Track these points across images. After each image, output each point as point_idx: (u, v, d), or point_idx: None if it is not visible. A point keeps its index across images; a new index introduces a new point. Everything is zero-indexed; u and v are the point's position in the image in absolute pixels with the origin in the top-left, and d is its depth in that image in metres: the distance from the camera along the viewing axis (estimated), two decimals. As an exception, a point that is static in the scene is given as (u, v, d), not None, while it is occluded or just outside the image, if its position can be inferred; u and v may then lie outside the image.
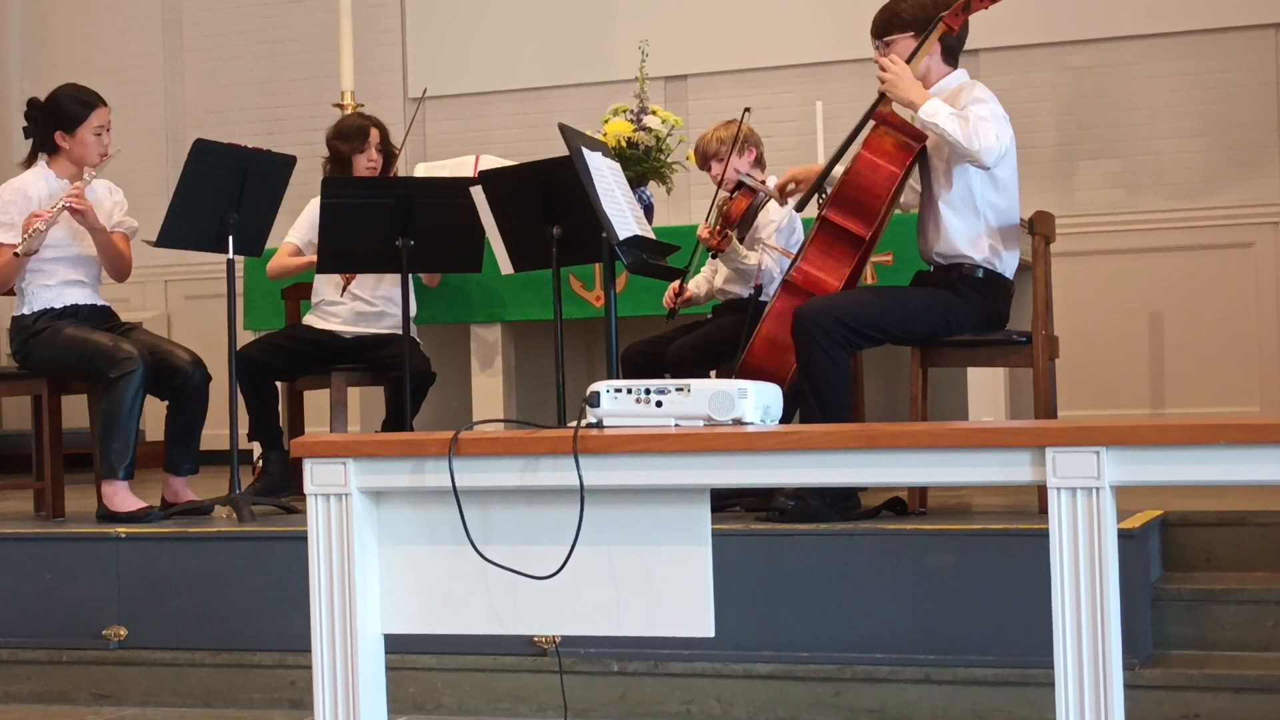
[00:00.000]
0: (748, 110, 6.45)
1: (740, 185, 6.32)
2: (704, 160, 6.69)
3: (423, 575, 3.63)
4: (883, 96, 5.74)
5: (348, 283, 7.06)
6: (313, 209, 7.09)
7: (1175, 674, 4.96)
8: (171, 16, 10.79)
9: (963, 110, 5.56)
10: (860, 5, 5.85)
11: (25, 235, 6.32)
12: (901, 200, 5.96)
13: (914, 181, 5.91)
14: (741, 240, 6.39)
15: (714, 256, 6.41)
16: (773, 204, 6.32)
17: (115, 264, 6.63)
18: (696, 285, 6.66)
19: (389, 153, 7.33)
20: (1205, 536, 5.49)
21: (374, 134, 7.25)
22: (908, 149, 5.63)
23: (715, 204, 6.43)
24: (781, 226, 6.44)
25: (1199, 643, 5.18)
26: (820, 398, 5.52)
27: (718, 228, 6.25)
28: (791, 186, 6.02)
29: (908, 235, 6.19)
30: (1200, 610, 5.20)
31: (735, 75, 9.52)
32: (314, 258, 6.93)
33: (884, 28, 5.82)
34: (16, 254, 6.34)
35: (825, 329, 5.51)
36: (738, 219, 6.26)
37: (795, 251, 6.15)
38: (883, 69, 5.67)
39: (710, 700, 5.28)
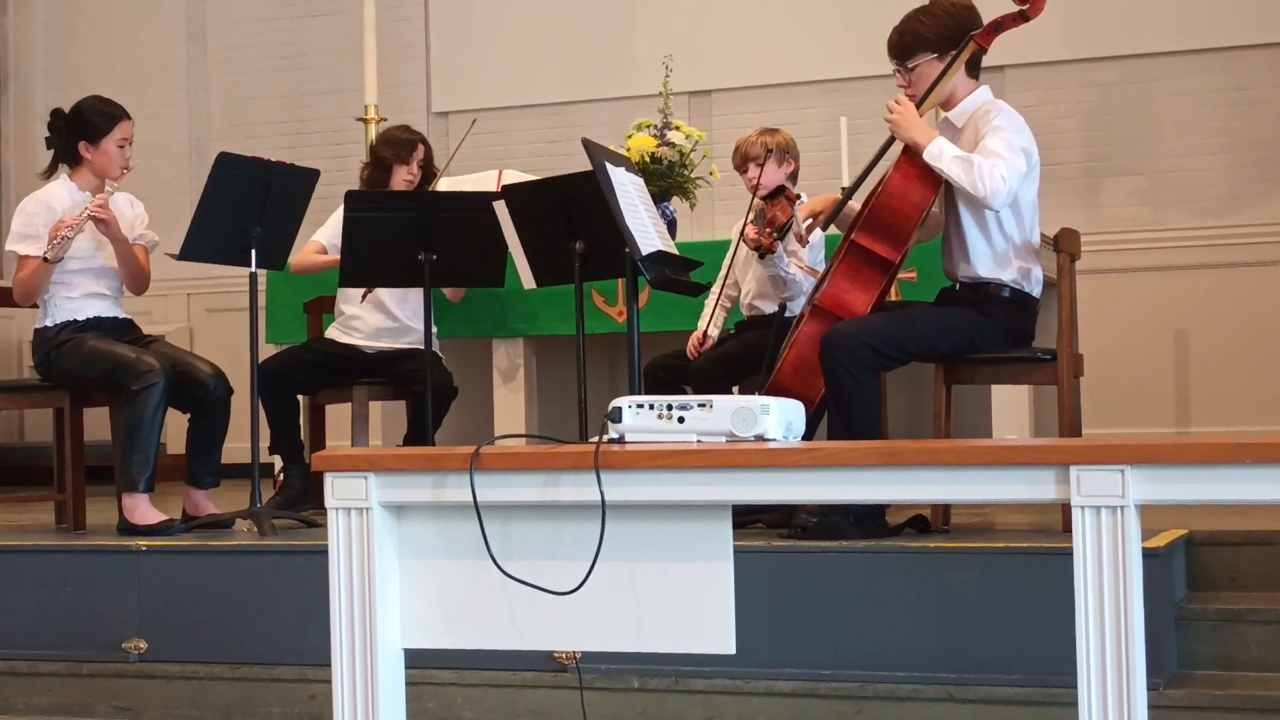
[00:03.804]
0: (769, 151, 6.43)
1: (775, 194, 6.25)
2: (743, 161, 6.58)
3: (443, 590, 3.64)
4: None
5: (368, 291, 7.02)
6: (341, 214, 7.07)
7: (1200, 694, 4.92)
8: (195, 29, 10.84)
9: (978, 141, 5.52)
10: (884, 20, 5.80)
11: (52, 242, 6.33)
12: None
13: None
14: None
15: (761, 258, 6.31)
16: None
17: (135, 276, 6.63)
18: (716, 325, 6.62)
19: (429, 171, 7.32)
20: (1231, 556, 5.44)
21: (420, 150, 7.25)
22: (939, 174, 5.53)
23: (753, 208, 6.37)
24: (814, 243, 6.40)
25: (1224, 663, 5.14)
26: (849, 422, 5.49)
27: (768, 231, 6.18)
28: (809, 222, 5.97)
29: (933, 251, 6.16)
30: (1225, 630, 5.16)
31: (759, 90, 9.53)
32: (335, 260, 6.93)
33: (906, 50, 5.72)
34: (46, 259, 6.35)
35: (853, 353, 5.47)
36: (780, 226, 6.18)
37: (819, 269, 6.13)
38: (890, 109, 5.61)
39: (731, 717, 5.25)
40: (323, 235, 7.27)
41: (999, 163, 5.42)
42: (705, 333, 6.54)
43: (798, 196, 6.21)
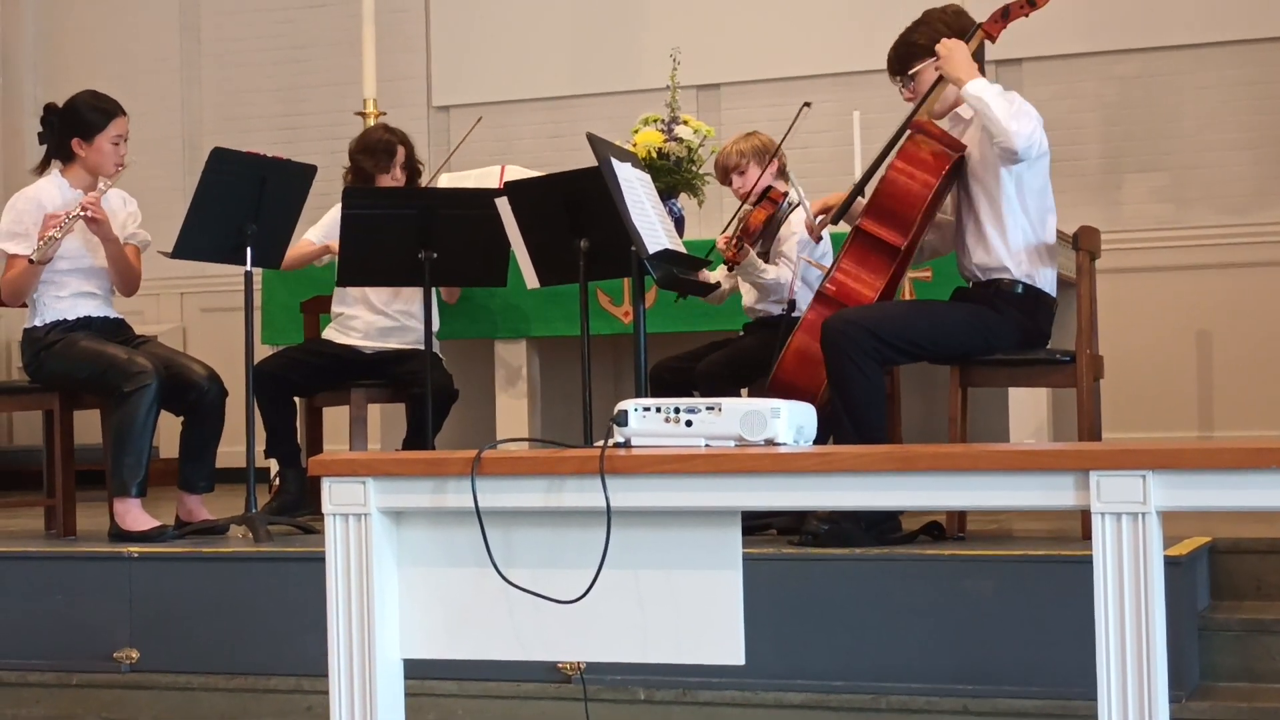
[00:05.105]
0: (807, 105, 6.38)
1: (761, 198, 6.22)
2: (724, 174, 6.62)
3: (443, 598, 3.63)
4: (917, 108, 5.71)
5: None
6: (337, 212, 6.99)
7: (1223, 707, 4.86)
8: (189, 21, 10.85)
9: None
10: (898, 14, 5.81)
11: (40, 242, 6.25)
12: (927, 238, 5.91)
13: (943, 211, 5.87)
14: (766, 253, 6.30)
15: (730, 270, 6.29)
16: (794, 216, 6.27)
17: (125, 277, 6.57)
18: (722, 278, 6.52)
19: (413, 169, 7.27)
20: (1255, 564, 5.37)
21: (400, 152, 7.19)
22: (944, 157, 5.57)
23: (737, 216, 6.33)
24: (804, 240, 6.33)
25: (1248, 674, 5.08)
26: (852, 412, 5.44)
27: (734, 240, 6.14)
28: (822, 218, 5.96)
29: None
30: (1250, 641, 5.10)
31: (769, 84, 9.50)
32: (328, 244, 6.96)
33: (903, 62, 5.78)
34: (32, 260, 6.30)
35: (855, 340, 5.44)
36: (756, 231, 6.17)
37: (826, 264, 6.07)
38: (940, 44, 5.61)
39: (739, 730, 5.22)
40: (315, 234, 7.23)
41: (1031, 118, 5.45)
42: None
43: (784, 194, 6.24)
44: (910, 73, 5.73)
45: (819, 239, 6.11)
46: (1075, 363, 5.70)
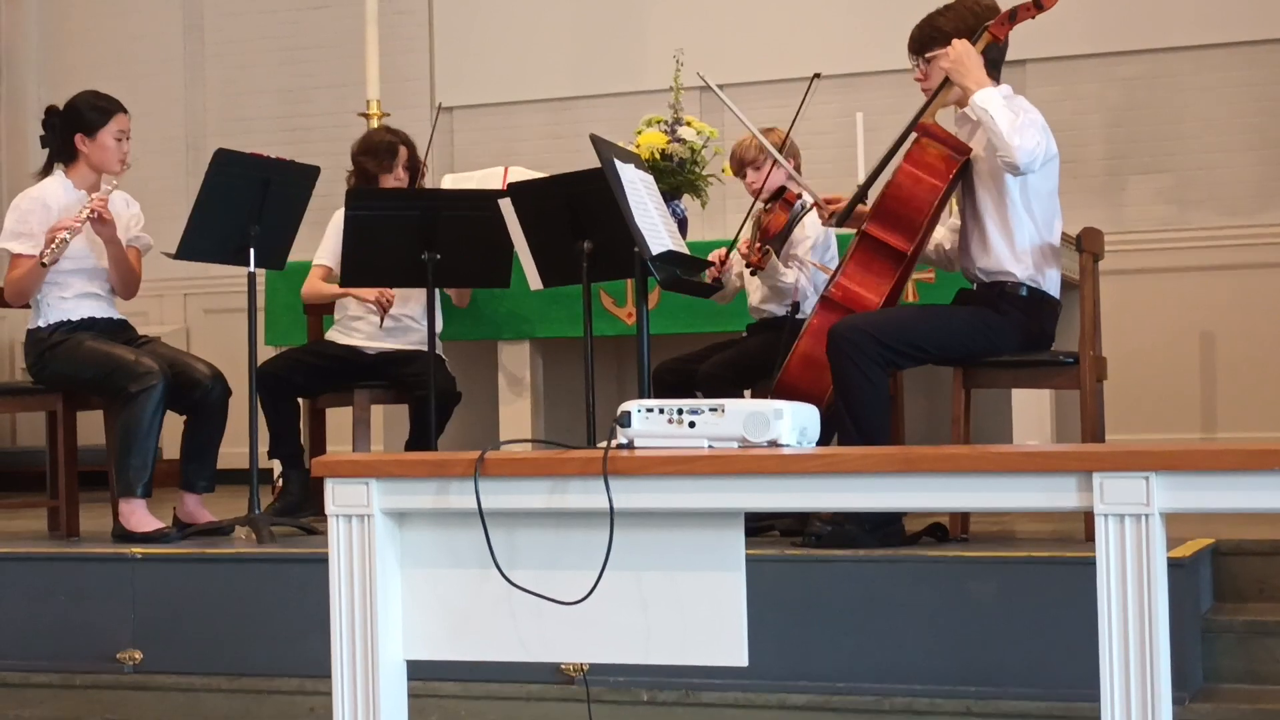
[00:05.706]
0: (818, 75, 6.19)
1: (776, 197, 6.20)
2: (740, 167, 6.62)
3: (446, 600, 3.62)
4: (923, 109, 5.69)
5: (384, 306, 6.90)
6: (337, 224, 7.00)
7: (1226, 709, 4.85)
8: (192, 22, 10.84)
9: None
10: (901, 15, 5.78)
11: (50, 244, 6.22)
12: (930, 246, 5.90)
13: (946, 214, 5.86)
14: (778, 255, 6.27)
15: (753, 274, 6.28)
16: (808, 219, 6.23)
17: (126, 280, 6.55)
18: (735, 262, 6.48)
19: (415, 168, 7.26)
20: (1259, 566, 5.36)
21: (403, 152, 7.20)
22: (950, 161, 5.55)
23: (751, 216, 6.31)
24: (817, 243, 6.36)
25: (1251, 676, 5.06)
26: (856, 417, 5.43)
27: (757, 245, 6.12)
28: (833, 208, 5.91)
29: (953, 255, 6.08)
30: (1253, 643, 5.09)
31: (773, 85, 9.44)
32: (348, 290, 6.92)
33: (923, 43, 5.75)
34: (43, 263, 6.26)
35: (860, 346, 5.42)
36: (776, 234, 6.14)
37: (833, 268, 6.05)
38: (949, 49, 5.58)
39: (743, 731, 5.19)
40: (326, 256, 7.19)
41: (1035, 131, 5.41)
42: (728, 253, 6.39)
43: (798, 196, 6.20)
44: (927, 56, 5.72)
45: (828, 219, 6.07)
46: (1078, 364, 5.68)
